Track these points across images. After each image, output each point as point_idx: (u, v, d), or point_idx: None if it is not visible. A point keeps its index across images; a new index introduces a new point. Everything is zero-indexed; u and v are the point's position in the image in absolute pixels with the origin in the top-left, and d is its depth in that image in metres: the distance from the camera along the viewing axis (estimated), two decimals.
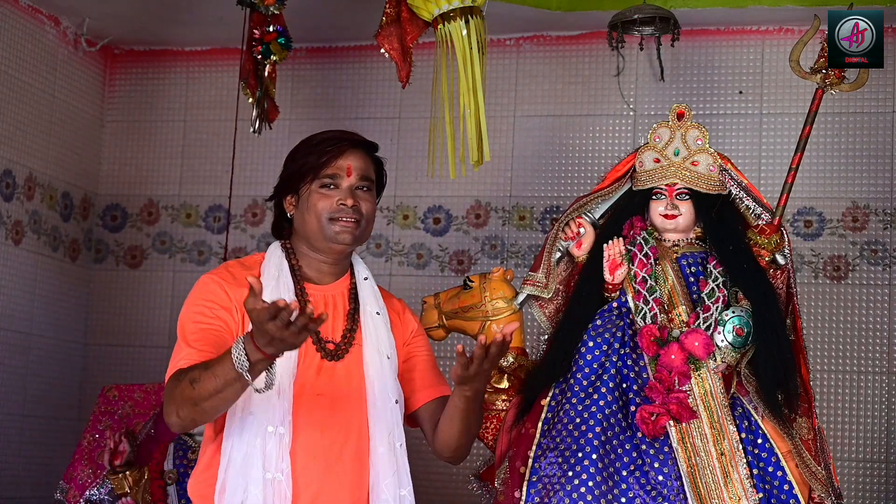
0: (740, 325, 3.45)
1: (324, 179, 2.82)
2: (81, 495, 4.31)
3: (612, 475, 3.36)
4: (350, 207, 2.80)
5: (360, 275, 2.93)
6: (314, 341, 2.77)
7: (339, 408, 2.76)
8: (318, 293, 2.85)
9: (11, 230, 5.29)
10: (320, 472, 2.72)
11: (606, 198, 3.75)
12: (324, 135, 2.89)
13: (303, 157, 2.86)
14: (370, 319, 2.85)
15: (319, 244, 2.84)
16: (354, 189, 2.83)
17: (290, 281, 2.82)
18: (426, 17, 3.84)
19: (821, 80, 3.62)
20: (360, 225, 2.83)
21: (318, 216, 2.81)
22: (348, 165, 2.83)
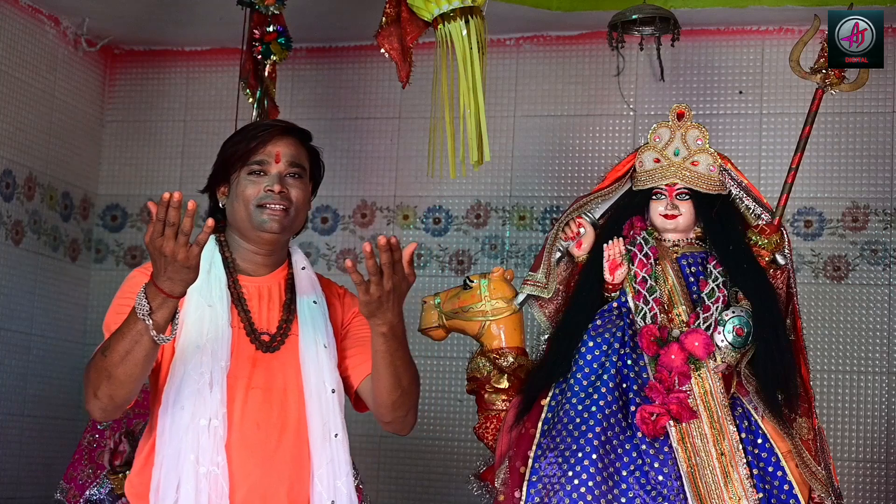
0: (740, 325, 3.45)
1: (252, 166, 2.76)
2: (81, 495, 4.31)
3: (612, 475, 3.36)
4: (277, 194, 2.74)
5: (298, 265, 2.87)
6: (247, 333, 2.73)
7: (276, 400, 2.71)
8: (252, 285, 2.79)
9: (11, 230, 5.29)
10: (257, 467, 2.67)
11: (606, 198, 3.75)
12: (256, 123, 2.85)
13: (233, 146, 2.80)
14: (307, 309, 2.80)
15: (249, 233, 2.78)
16: (284, 176, 2.77)
17: (222, 273, 2.76)
18: (426, 17, 3.84)
19: (821, 80, 3.62)
20: (288, 213, 2.77)
21: (246, 203, 2.75)
22: (277, 151, 2.78)
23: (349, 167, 5.65)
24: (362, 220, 5.64)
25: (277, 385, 2.73)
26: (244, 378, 2.70)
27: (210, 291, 2.73)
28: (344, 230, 5.64)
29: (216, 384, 2.65)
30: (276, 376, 2.73)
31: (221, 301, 2.72)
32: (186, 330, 2.69)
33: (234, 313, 2.74)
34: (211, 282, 2.74)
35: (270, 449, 2.70)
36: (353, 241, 5.60)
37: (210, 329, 2.69)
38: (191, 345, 2.68)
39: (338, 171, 5.64)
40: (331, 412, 2.74)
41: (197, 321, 2.70)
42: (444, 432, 5.35)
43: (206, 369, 2.66)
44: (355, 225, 5.64)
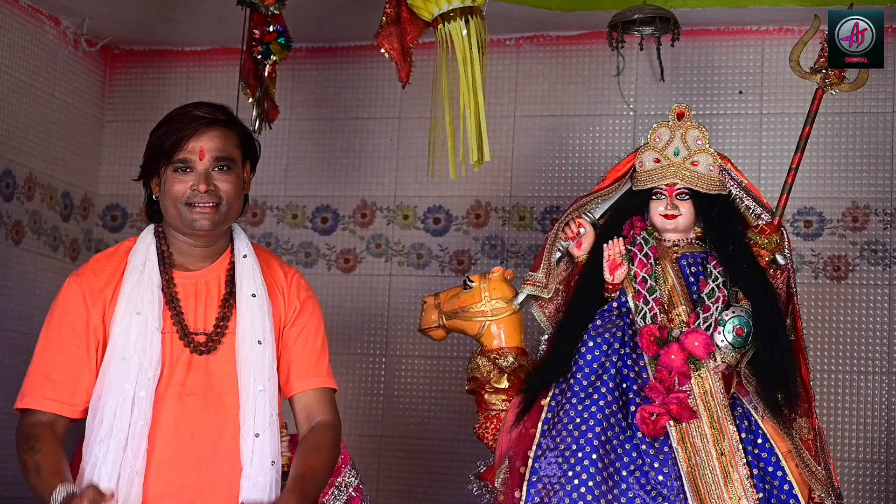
0: (740, 325, 3.45)
1: (176, 164, 2.66)
2: None
3: (612, 475, 3.36)
4: (205, 192, 2.65)
5: (240, 252, 2.77)
6: (180, 337, 2.65)
7: (213, 406, 2.64)
8: (189, 281, 2.71)
9: (11, 230, 5.29)
10: (192, 478, 2.61)
11: (606, 198, 3.75)
12: (181, 112, 2.72)
13: (159, 138, 2.69)
14: (245, 303, 2.69)
15: (181, 229, 2.71)
16: (210, 171, 2.66)
17: (155, 273, 2.68)
18: (426, 17, 3.83)
19: (821, 80, 3.62)
20: (219, 208, 2.67)
21: (175, 201, 2.66)
22: (201, 148, 2.66)
23: (349, 167, 5.65)
24: (362, 220, 5.64)
25: (215, 388, 2.65)
26: (178, 385, 2.63)
27: (140, 296, 2.65)
28: (344, 230, 5.64)
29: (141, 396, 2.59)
30: (213, 379, 2.65)
31: (151, 305, 2.64)
32: (113, 341, 2.63)
33: (167, 316, 2.66)
34: (142, 285, 2.66)
35: (206, 458, 2.63)
36: (353, 242, 5.60)
37: (138, 338, 2.62)
38: (116, 357, 2.62)
39: (338, 171, 5.64)
40: (257, 410, 2.64)
41: (124, 331, 2.63)
42: (444, 432, 5.34)
43: (130, 382, 2.59)
44: (355, 225, 5.64)
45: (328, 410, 2.80)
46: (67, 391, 2.65)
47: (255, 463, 2.63)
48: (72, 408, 2.66)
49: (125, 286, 2.66)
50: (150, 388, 2.60)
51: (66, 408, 2.66)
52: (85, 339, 2.65)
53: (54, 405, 2.65)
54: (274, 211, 5.71)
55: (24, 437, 2.63)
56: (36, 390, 2.65)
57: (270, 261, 2.85)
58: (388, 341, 5.49)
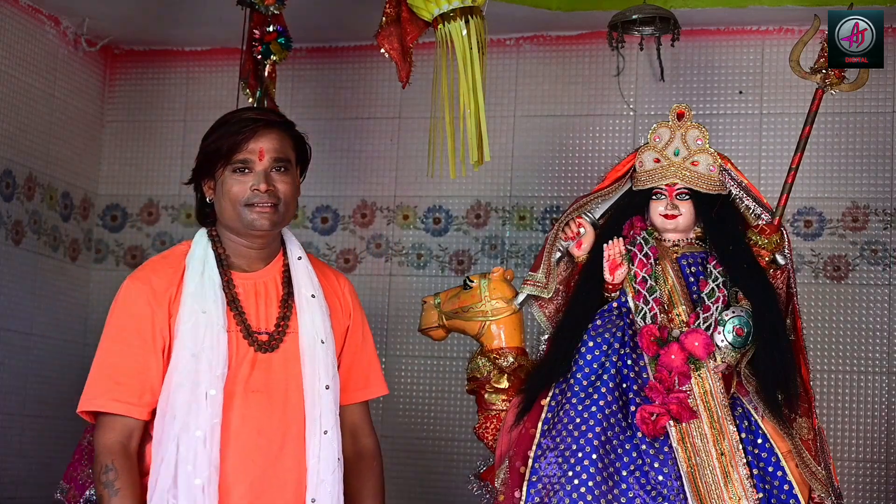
0: (740, 326, 3.45)
1: (235, 165, 2.71)
2: (81, 495, 4.30)
3: (612, 475, 3.36)
4: (264, 192, 2.69)
5: (293, 255, 2.82)
6: (244, 336, 2.69)
7: (278, 402, 2.68)
8: (248, 282, 2.75)
9: (11, 230, 5.29)
10: (259, 474, 2.65)
11: (606, 198, 3.75)
12: (236, 115, 2.78)
13: (215, 141, 2.74)
14: (305, 303, 2.75)
15: (239, 230, 2.74)
16: (269, 172, 2.71)
17: (215, 273, 2.71)
18: (426, 17, 3.83)
19: (821, 80, 3.62)
20: (278, 209, 2.71)
21: (234, 202, 2.71)
22: (260, 149, 2.71)
23: (349, 167, 5.65)
24: (362, 220, 5.64)
25: (279, 386, 2.70)
26: (243, 382, 2.67)
27: (204, 296, 2.68)
28: (344, 230, 5.64)
29: (211, 394, 2.62)
30: (276, 377, 2.70)
31: (216, 304, 2.68)
32: (181, 339, 2.66)
33: (230, 315, 2.70)
34: (205, 285, 2.70)
35: (273, 454, 2.67)
36: (354, 241, 5.61)
37: (205, 336, 2.65)
38: (185, 353, 2.65)
39: (338, 171, 5.64)
40: (323, 408, 2.70)
41: (191, 329, 2.66)
42: (444, 432, 5.35)
43: (201, 378, 2.62)
44: (355, 225, 5.64)
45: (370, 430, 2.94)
46: (135, 392, 2.66)
47: (322, 459, 2.69)
48: (140, 409, 2.66)
49: (188, 286, 2.69)
50: (219, 386, 2.63)
51: (135, 409, 2.66)
52: (151, 340, 2.67)
53: (123, 406, 2.65)
54: None
55: (102, 463, 2.63)
56: (103, 393, 2.66)
57: (322, 267, 2.91)
58: (388, 341, 5.49)
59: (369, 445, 2.91)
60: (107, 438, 2.64)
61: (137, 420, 2.67)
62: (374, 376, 2.93)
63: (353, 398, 2.88)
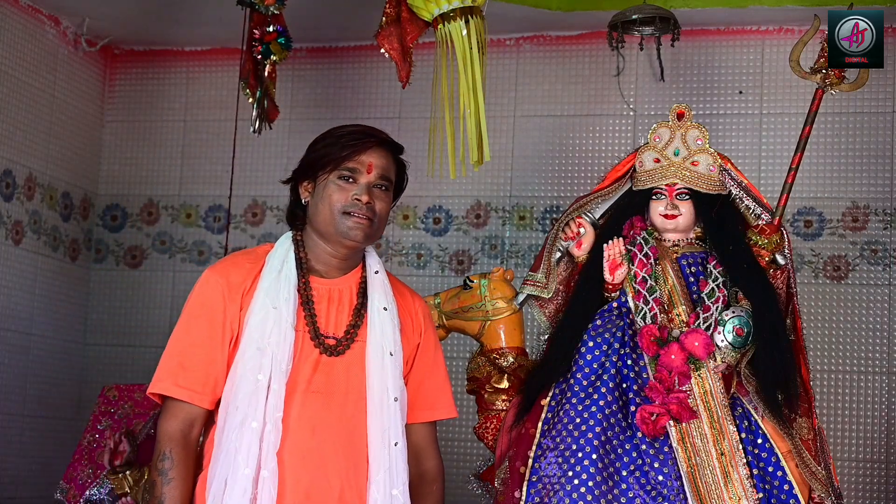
0: (740, 325, 3.45)
1: (343, 171, 2.76)
2: (81, 495, 4.31)
3: (612, 475, 3.36)
4: (365, 204, 2.75)
5: (371, 268, 2.86)
6: (312, 337, 2.73)
7: (335, 406, 2.71)
8: (324, 287, 2.79)
9: (11, 230, 5.29)
10: (308, 472, 2.67)
11: (606, 198, 3.75)
12: (351, 127, 2.84)
13: (326, 147, 2.79)
14: (376, 315, 2.79)
15: (330, 237, 2.78)
16: (372, 186, 2.78)
17: (293, 274, 2.76)
18: (426, 17, 3.84)
19: (821, 80, 3.62)
20: (372, 223, 2.76)
21: (332, 208, 2.75)
22: (370, 162, 2.78)
23: None
24: None
25: (339, 389, 2.73)
26: (304, 381, 2.70)
27: (277, 293, 2.73)
28: None
29: (274, 388, 2.66)
30: (338, 381, 2.73)
31: (287, 302, 2.72)
32: (249, 331, 2.70)
33: (301, 315, 2.74)
34: (280, 282, 2.74)
35: (325, 454, 2.69)
36: None
37: (273, 331, 2.69)
38: (252, 346, 2.69)
39: None
40: (392, 420, 2.74)
41: (260, 322, 2.70)
42: (444, 432, 5.34)
43: (264, 372, 2.66)
44: None
45: (435, 452, 2.95)
46: (200, 380, 2.70)
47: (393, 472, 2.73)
48: (202, 397, 2.71)
49: (262, 282, 2.74)
50: (282, 381, 2.67)
51: (198, 396, 2.71)
52: (221, 331, 2.72)
53: (188, 393, 2.70)
54: (274, 211, 5.71)
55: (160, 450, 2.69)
56: (168, 377, 2.72)
57: (399, 285, 2.94)
58: None
59: (433, 468, 2.94)
60: (169, 425, 2.70)
61: (200, 408, 2.71)
62: (443, 398, 2.94)
63: (420, 417, 2.90)
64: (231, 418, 2.66)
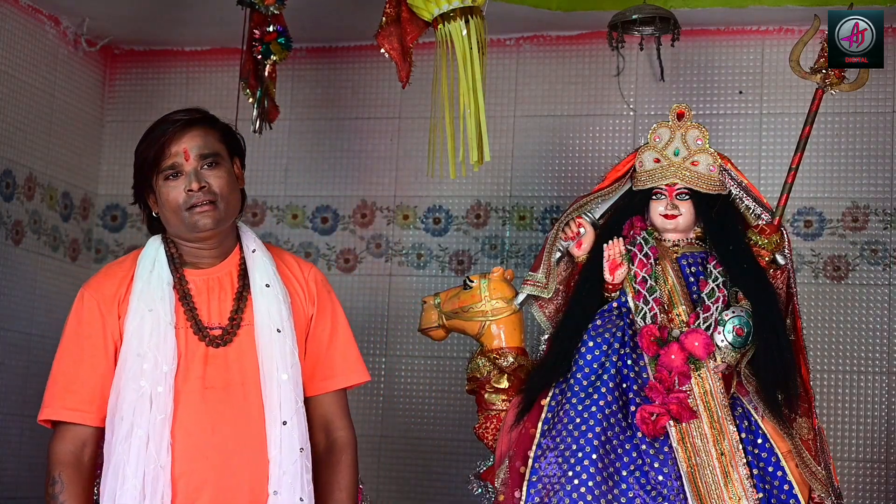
0: (740, 325, 3.45)
1: (166, 171, 2.68)
2: None
3: (612, 475, 3.36)
4: (199, 191, 2.66)
5: (248, 248, 2.77)
6: (195, 331, 2.66)
7: (235, 399, 2.64)
8: (200, 278, 2.72)
9: (11, 230, 5.29)
10: (214, 471, 2.61)
11: (606, 198, 3.75)
12: (159, 121, 2.75)
13: (142, 152, 2.72)
14: (259, 294, 2.70)
15: (187, 235, 2.72)
16: (199, 170, 2.68)
17: (165, 271, 2.69)
18: (426, 17, 3.84)
19: (821, 80, 3.62)
20: (217, 205, 2.68)
21: (174, 209, 2.68)
22: (184, 149, 2.68)
23: (349, 167, 5.65)
24: (362, 220, 5.64)
25: (235, 380, 2.65)
26: (197, 379, 2.63)
27: (151, 294, 2.67)
28: (344, 230, 5.64)
29: (159, 391, 2.59)
30: (232, 371, 2.65)
31: (163, 301, 2.66)
32: (127, 338, 2.65)
33: (181, 312, 2.68)
34: (152, 283, 2.68)
35: (229, 450, 2.62)
36: (353, 241, 5.60)
37: (152, 334, 2.63)
38: (131, 354, 2.63)
39: (338, 171, 5.64)
40: (282, 398, 2.65)
41: (137, 328, 2.64)
42: (444, 432, 5.34)
43: (147, 378, 2.60)
44: (355, 225, 5.64)
45: (344, 422, 2.83)
46: (86, 399, 2.66)
47: (283, 451, 2.64)
48: (91, 416, 2.66)
49: (136, 286, 2.68)
50: (167, 383, 2.61)
51: (88, 416, 2.66)
52: (103, 346, 2.67)
53: (75, 415, 2.65)
54: (274, 211, 5.70)
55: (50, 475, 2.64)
56: (55, 401, 2.67)
57: (284, 256, 2.85)
58: (388, 341, 5.49)
59: (342, 438, 2.81)
60: (59, 448, 2.65)
61: (90, 427, 2.66)
62: (347, 365, 2.83)
63: (323, 388, 2.79)
64: (118, 430, 2.61)
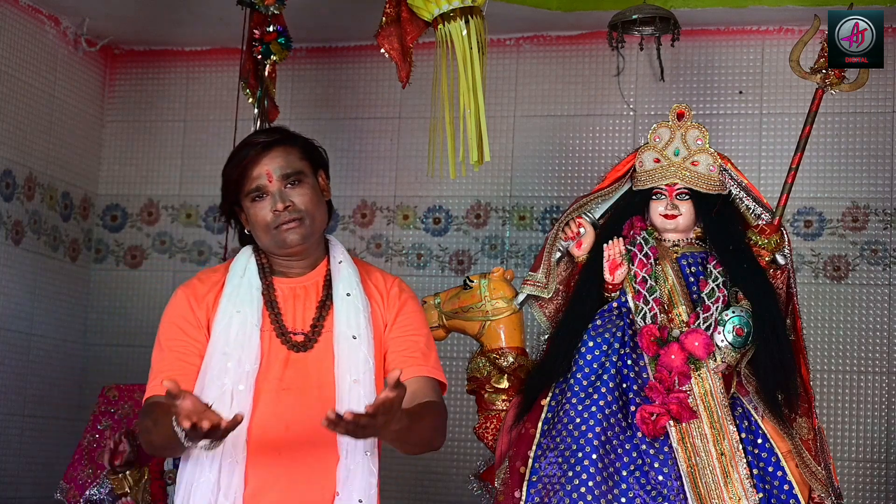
0: (740, 325, 3.46)
1: (251, 194, 2.78)
2: (81, 495, 4.31)
3: (612, 475, 3.36)
4: (284, 211, 2.75)
5: (335, 259, 2.86)
6: (278, 335, 2.75)
7: (310, 401, 2.71)
8: (288, 286, 2.81)
9: (11, 230, 5.29)
10: (286, 469, 2.69)
11: (606, 198, 3.75)
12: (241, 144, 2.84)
13: (228, 175, 2.82)
14: (340, 302, 2.79)
15: (277, 251, 2.82)
16: (283, 190, 2.77)
17: (255, 277, 2.80)
18: (426, 17, 3.84)
19: (821, 80, 3.62)
20: (303, 222, 2.77)
21: (263, 229, 2.78)
22: (266, 171, 2.77)
23: (349, 167, 5.65)
24: (362, 220, 5.64)
25: (312, 384, 2.73)
26: (275, 380, 2.72)
27: (240, 297, 2.77)
28: (344, 230, 5.65)
29: (240, 389, 2.68)
30: (310, 375, 2.74)
31: (251, 305, 2.75)
32: (214, 338, 2.74)
33: (266, 316, 2.77)
34: (242, 288, 2.79)
35: (302, 449, 2.70)
36: (354, 241, 5.60)
37: (238, 335, 2.72)
38: (217, 352, 2.72)
39: (338, 171, 5.64)
40: (351, 402, 2.71)
41: (224, 328, 2.74)
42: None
43: (229, 376, 2.69)
44: (355, 225, 5.64)
45: (435, 395, 2.86)
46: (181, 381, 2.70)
47: (349, 451, 2.71)
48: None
49: (227, 290, 2.79)
50: (248, 382, 2.69)
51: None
52: (193, 341, 2.76)
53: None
54: None
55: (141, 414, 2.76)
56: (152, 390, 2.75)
57: (370, 269, 2.93)
58: None
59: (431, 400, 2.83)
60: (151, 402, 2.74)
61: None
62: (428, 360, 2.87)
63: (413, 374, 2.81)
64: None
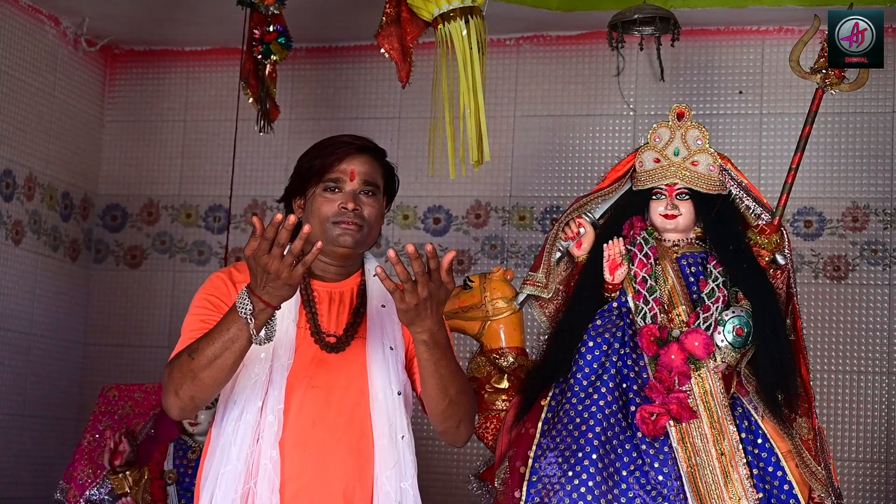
0: (740, 325, 3.46)
1: (327, 183, 2.82)
2: (81, 495, 4.31)
3: (612, 475, 3.36)
4: (351, 211, 2.80)
5: (370, 272, 2.91)
6: (312, 333, 2.79)
7: (335, 401, 2.75)
8: (324, 290, 2.85)
9: (11, 230, 5.29)
10: (310, 464, 2.71)
11: (606, 198, 3.75)
12: (332, 139, 2.89)
13: (309, 161, 2.86)
14: (375, 312, 2.85)
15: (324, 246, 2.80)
16: (358, 193, 2.83)
17: None
18: (426, 17, 3.84)
19: (821, 80, 3.62)
20: (362, 229, 2.82)
21: (322, 220, 2.81)
22: (352, 170, 2.82)
23: None
24: None
25: (339, 385, 2.76)
26: (305, 377, 2.75)
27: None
28: None
29: (274, 382, 2.72)
30: (338, 377, 2.77)
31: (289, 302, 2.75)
32: None
33: (302, 314, 2.80)
34: None
35: (327, 447, 2.73)
36: None
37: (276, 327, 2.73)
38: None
39: None
40: (397, 414, 2.77)
41: None
42: None
43: (263, 366, 2.72)
44: None
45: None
46: None
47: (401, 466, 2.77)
48: None
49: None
50: (283, 374, 2.73)
51: None
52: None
53: None
54: (274, 211, 5.71)
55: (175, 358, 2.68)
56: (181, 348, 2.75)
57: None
58: None
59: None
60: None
61: None
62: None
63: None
64: (229, 412, 2.73)
